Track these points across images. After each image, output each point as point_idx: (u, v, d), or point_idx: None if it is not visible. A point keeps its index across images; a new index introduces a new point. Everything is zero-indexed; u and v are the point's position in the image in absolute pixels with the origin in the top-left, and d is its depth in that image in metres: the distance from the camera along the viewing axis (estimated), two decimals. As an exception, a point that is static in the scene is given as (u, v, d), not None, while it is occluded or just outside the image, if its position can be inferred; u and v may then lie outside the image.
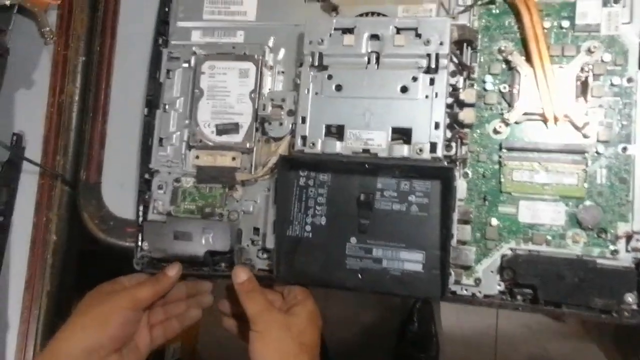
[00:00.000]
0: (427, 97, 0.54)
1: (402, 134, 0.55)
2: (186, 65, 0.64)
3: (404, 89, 0.55)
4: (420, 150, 0.53)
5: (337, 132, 0.57)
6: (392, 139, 0.55)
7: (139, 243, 0.62)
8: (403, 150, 0.54)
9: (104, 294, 0.56)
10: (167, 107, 0.63)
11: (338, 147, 0.55)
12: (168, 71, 0.64)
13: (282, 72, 0.62)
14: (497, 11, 0.57)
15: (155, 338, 0.59)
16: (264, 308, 0.54)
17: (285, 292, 0.58)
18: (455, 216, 0.53)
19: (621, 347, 1.11)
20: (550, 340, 1.29)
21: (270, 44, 0.62)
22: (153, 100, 0.64)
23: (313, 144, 0.56)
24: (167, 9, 0.66)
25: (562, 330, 1.29)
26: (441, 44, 0.53)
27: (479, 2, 0.56)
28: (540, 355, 1.28)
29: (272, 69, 0.62)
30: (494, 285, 0.54)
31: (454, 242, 0.53)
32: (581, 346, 1.26)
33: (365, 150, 0.55)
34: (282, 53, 0.63)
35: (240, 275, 0.56)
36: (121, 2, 0.71)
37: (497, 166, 0.55)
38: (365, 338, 1.33)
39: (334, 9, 0.60)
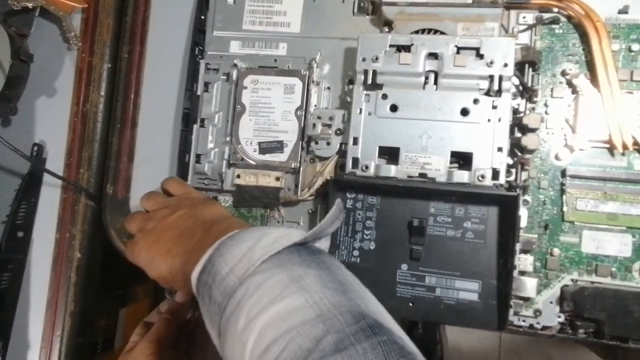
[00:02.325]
0: (489, 120, 0.51)
1: (460, 159, 0.53)
2: (224, 77, 0.61)
3: (465, 112, 0.52)
4: (483, 176, 0.51)
5: (389, 154, 0.54)
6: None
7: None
8: (463, 176, 0.51)
9: None
10: (205, 122, 0.60)
11: (393, 170, 0.53)
12: (206, 84, 0.60)
13: (328, 89, 0.59)
14: (561, 31, 0.54)
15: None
16: None
17: None
18: (518, 246, 0.51)
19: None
20: (553, 347, 1.29)
21: (318, 58, 0.59)
22: (190, 114, 0.60)
23: (366, 167, 0.53)
24: (203, 17, 0.62)
25: (567, 338, 1.29)
26: (505, 65, 0.51)
27: (543, 22, 0.54)
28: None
29: (318, 85, 0.59)
30: (554, 317, 0.53)
31: (515, 273, 0.51)
32: (587, 355, 1.26)
33: (422, 175, 0.53)
34: (327, 68, 0.60)
35: None
36: (152, 7, 0.67)
37: (559, 194, 0.53)
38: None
39: (388, 24, 0.57)
